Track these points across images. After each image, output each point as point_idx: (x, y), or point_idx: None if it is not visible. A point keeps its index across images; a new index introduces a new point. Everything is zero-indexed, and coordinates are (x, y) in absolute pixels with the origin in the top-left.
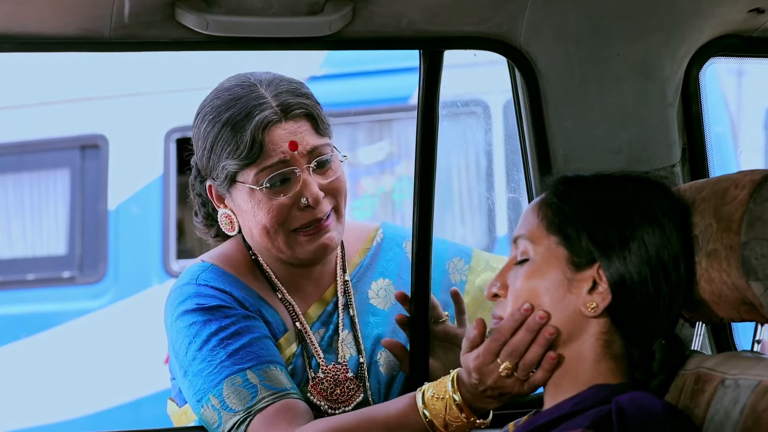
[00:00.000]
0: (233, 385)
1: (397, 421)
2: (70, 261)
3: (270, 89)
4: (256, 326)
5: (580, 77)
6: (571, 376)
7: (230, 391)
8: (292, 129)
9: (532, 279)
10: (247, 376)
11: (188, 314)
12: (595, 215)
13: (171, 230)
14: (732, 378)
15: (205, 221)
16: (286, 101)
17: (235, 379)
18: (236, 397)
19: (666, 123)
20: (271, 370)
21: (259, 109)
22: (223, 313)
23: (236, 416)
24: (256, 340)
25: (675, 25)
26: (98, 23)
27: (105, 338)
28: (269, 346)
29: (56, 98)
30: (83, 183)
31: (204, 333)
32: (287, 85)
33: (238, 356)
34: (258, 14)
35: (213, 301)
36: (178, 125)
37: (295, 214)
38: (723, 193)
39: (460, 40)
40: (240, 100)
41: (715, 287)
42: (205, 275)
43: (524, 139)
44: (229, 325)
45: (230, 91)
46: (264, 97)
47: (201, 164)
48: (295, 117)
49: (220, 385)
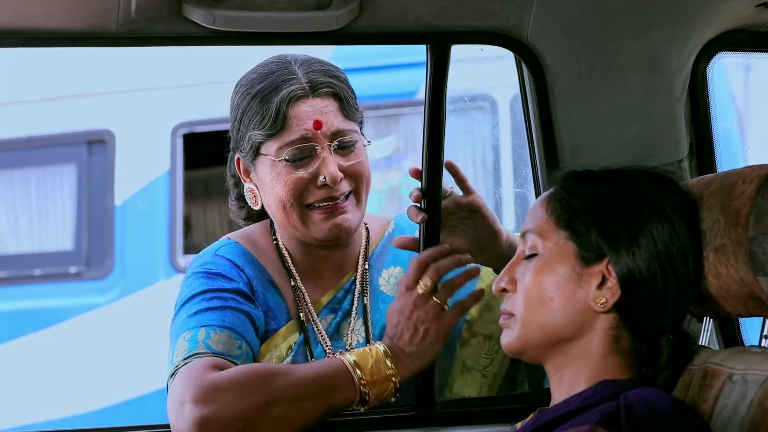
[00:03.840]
0: (184, 339)
1: (320, 366)
2: (76, 256)
3: (303, 68)
4: (243, 302)
5: (588, 72)
6: (579, 372)
7: (178, 345)
8: (318, 106)
9: (541, 274)
10: (198, 333)
11: (193, 275)
12: (604, 210)
13: (178, 225)
14: (740, 373)
15: (238, 202)
16: (316, 79)
17: (188, 333)
18: (179, 350)
19: (673, 118)
20: (224, 334)
21: (287, 84)
22: (221, 280)
23: (171, 369)
24: (233, 309)
25: (682, 19)
26: (105, 18)
27: (111, 334)
28: (241, 320)
29: (63, 93)
30: (90, 178)
31: (194, 291)
32: (320, 66)
33: (204, 315)
34: (265, 9)
35: (218, 269)
36: (184, 120)
37: (311, 190)
38: (730, 188)
39: (467, 35)
40: (272, 75)
41: (722, 282)
42: (225, 249)
43: (531, 133)
44: (219, 290)
45: (266, 67)
46: (295, 73)
47: (232, 136)
48: (322, 95)
49: (177, 338)
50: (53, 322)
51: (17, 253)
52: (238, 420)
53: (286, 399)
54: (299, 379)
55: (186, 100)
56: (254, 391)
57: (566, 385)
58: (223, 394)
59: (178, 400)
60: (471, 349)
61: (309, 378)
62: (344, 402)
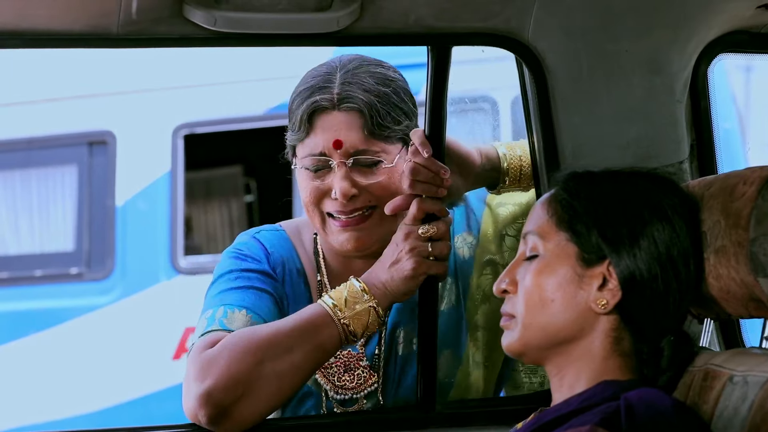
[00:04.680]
0: (204, 317)
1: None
2: (77, 257)
3: (345, 75)
4: (268, 282)
5: (589, 73)
6: (580, 373)
7: (199, 322)
8: (341, 120)
9: (542, 275)
10: (217, 311)
11: (227, 254)
12: (605, 211)
13: (179, 226)
14: (740, 375)
15: None
16: (346, 91)
17: (209, 312)
18: (199, 328)
19: (674, 119)
20: (241, 313)
21: (319, 92)
22: (249, 261)
23: (190, 344)
24: (256, 289)
25: (683, 21)
26: (106, 19)
27: (113, 335)
28: (263, 299)
29: (64, 94)
30: (91, 179)
31: (222, 270)
32: (367, 74)
33: (226, 294)
34: (266, 10)
35: (248, 251)
36: (186, 121)
37: (327, 200)
38: (731, 189)
39: (468, 36)
40: (314, 79)
41: (723, 284)
42: (264, 233)
43: (532, 135)
44: (245, 270)
45: (317, 69)
46: (332, 82)
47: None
48: (346, 109)
49: (201, 316)
50: (54, 323)
51: (18, 254)
52: (235, 386)
53: (273, 354)
54: (280, 331)
55: (187, 101)
56: (242, 355)
57: (567, 386)
58: (215, 365)
59: (186, 379)
60: (477, 345)
61: (289, 327)
62: (331, 341)
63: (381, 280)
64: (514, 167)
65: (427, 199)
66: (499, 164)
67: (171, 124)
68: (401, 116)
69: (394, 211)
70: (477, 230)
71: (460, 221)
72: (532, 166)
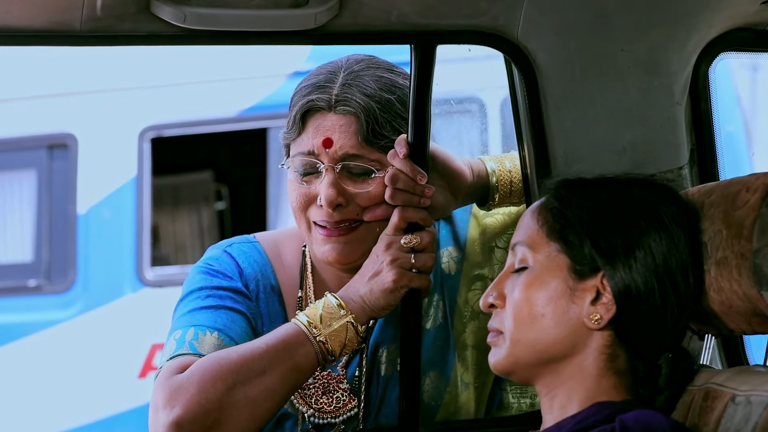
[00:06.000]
0: (173, 338)
1: (272, 334)
2: (36, 269)
3: (348, 76)
4: (240, 301)
5: (582, 73)
6: (572, 393)
7: (168, 344)
8: (335, 122)
9: (532, 289)
10: (187, 332)
11: (197, 269)
12: (598, 221)
13: (145, 236)
14: (743, 394)
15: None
16: (345, 93)
17: (178, 332)
18: (167, 350)
19: (673, 122)
20: (211, 335)
21: (318, 92)
22: (220, 278)
23: (159, 367)
24: (227, 309)
25: (683, 18)
26: (68, 15)
27: (74, 352)
28: (234, 320)
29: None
30: (51, 185)
31: (192, 286)
32: (366, 80)
33: (197, 314)
34: (239, 6)
35: (219, 266)
36: (153, 123)
37: (313, 207)
38: (733, 197)
39: (453, 35)
40: (316, 77)
41: (724, 297)
42: (236, 247)
43: (522, 139)
44: (216, 288)
45: (322, 67)
46: (333, 81)
47: None
48: (342, 112)
49: (169, 337)
50: (10, 339)
51: None
52: (206, 415)
53: (245, 378)
54: (253, 353)
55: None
56: (213, 381)
57: (558, 407)
58: (185, 392)
59: (153, 405)
60: (466, 365)
61: (262, 349)
62: (307, 361)
63: (359, 294)
64: (503, 182)
65: (410, 208)
66: (488, 180)
67: (137, 126)
68: (403, 126)
69: (372, 219)
70: (463, 243)
71: (446, 234)
72: (521, 172)
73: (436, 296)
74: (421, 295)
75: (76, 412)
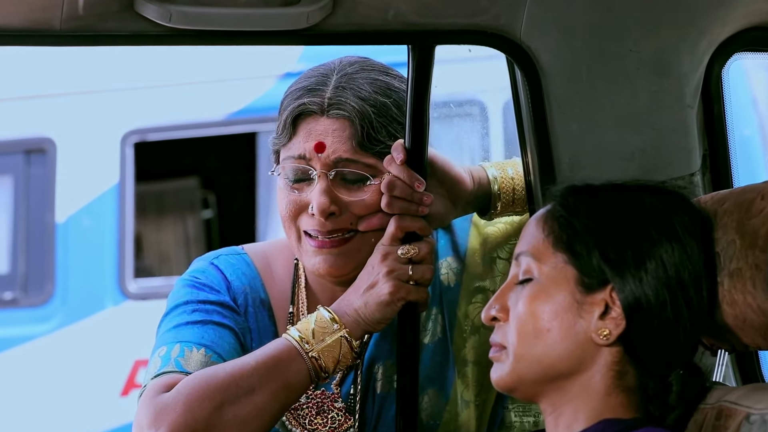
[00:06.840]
0: (158, 355)
1: (262, 350)
2: (12, 281)
3: (341, 79)
4: (228, 315)
5: (588, 75)
6: (579, 411)
7: (152, 360)
8: (327, 127)
9: (537, 301)
10: (173, 349)
11: (183, 281)
12: (607, 230)
13: (127, 246)
14: (758, 413)
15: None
16: (338, 97)
17: (163, 349)
18: (152, 367)
19: (684, 126)
20: (198, 352)
21: (309, 95)
22: (207, 291)
23: (142, 386)
24: (214, 324)
25: (694, 16)
26: (48, 14)
27: (52, 368)
28: (222, 336)
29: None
30: (28, 192)
31: (177, 300)
32: (360, 82)
33: (183, 330)
34: (227, 5)
35: (206, 279)
36: (136, 127)
37: (304, 216)
38: (748, 205)
39: (453, 34)
40: (309, 79)
41: (738, 311)
42: (224, 259)
43: (525, 144)
44: (202, 302)
45: (314, 69)
46: (326, 84)
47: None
48: (335, 116)
49: (154, 353)
50: None
51: None
52: None
53: (234, 396)
54: (242, 370)
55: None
56: (199, 400)
57: (564, 426)
58: (172, 413)
59: (137, 425)
60: (467, 382)
61: (251, 366)
62: (299, 378)
63: (353, 307)
64: (506, 190)
65: (408, 216)
66: (490, 188)
67: (119, 130)
68: (400, 131)
69: (367, 228)
70: (463, 253)
71: (445, 244)
72: (524, 179)
73: (434, 309)
74: (418, 308)
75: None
